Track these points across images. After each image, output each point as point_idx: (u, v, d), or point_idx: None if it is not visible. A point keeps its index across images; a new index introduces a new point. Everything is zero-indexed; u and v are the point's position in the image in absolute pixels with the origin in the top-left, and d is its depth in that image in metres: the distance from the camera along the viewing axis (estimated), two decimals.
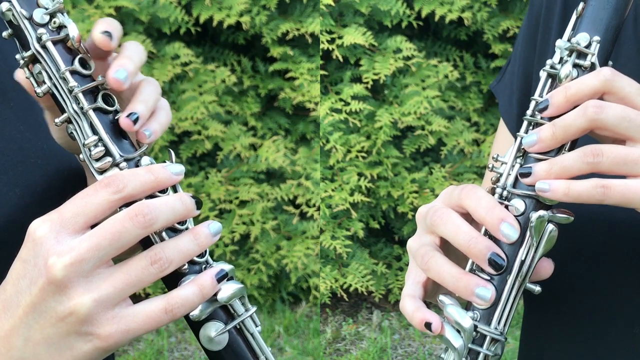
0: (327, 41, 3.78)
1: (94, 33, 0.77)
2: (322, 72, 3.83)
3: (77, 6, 3.60)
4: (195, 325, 0.78)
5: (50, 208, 0.74)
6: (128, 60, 0.78)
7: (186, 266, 0.77)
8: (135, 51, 0.80)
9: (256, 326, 0.80)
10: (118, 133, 0.78)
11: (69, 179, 0.95)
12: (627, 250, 0.91)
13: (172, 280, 0.76)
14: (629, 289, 0.92)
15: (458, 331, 0.80)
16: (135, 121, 0.77)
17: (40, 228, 0.71)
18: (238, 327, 0.79)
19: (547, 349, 1.01)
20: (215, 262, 0.78)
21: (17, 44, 0.79)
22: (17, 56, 0.79)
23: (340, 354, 3.72)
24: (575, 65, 0.80)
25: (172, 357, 3.66)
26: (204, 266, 0.78)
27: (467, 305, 0.82)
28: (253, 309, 0.80)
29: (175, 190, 0.78)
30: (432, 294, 0.86)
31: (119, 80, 0.76)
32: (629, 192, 0.74)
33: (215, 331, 0.77)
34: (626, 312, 0.93)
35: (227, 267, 0.77)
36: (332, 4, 3.73)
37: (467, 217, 0.81)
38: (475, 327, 0.80)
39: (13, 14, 0.77)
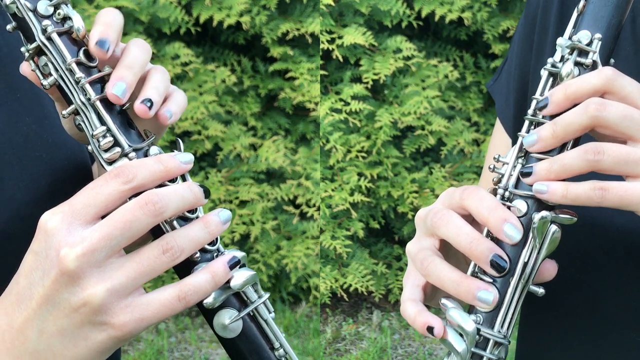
0: (327, 41, 3.78)
1: (90, 43, 0.77)
2: (322, 72, 3.83)
3: (77, 6, 3.60)
4: (209, 313, 0.78)
5: (55, 201, 0.74)
6: (127, 71, 0.78)
7: (198, 254, 0.77)
8: (137, 55, 0.80)
9: (269, 312, 0.80)
10: (126, 123, 0.78)
11: (74, 173, 0.95)
12: (625, 255, 0.91)
13: (184, 269, 0.76)
14: (627, 294, 0.92)
15: (461, 335, 0.79)
16: (150, 107, 0.77)
17: (51, 220, 0.71)
18: (252, 313, 0.79)
19: (545, 351, 1.00)
20: (226, 250, 0.78)
21: (22, 36, 0.78)
22: (22, 49, 0.78)
23: (340, 354, 3.72)
24: (576, 64, 0.79)
25: (172, 357, 3.66)
26: (215, 254, 0.78)
27: (469, 309, 0.81)
28: (266, 295, 0.79)
29: (184, 179, 0.78)
30: (431, 297, 0.85)
31: (117, 97, 0.76)
32: (627, 195, 0.74)
33: (229, 318, 0.77)
34: (624, 318, 0.92)
35: (239, 254, 0.77)
36: (332, 4, 3.72)
37: (469, 219, 0.81)
38: (479, 330, 0.79)
39: (17, 7, 0.77)
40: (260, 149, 3.90)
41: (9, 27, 0.79)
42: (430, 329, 0.79)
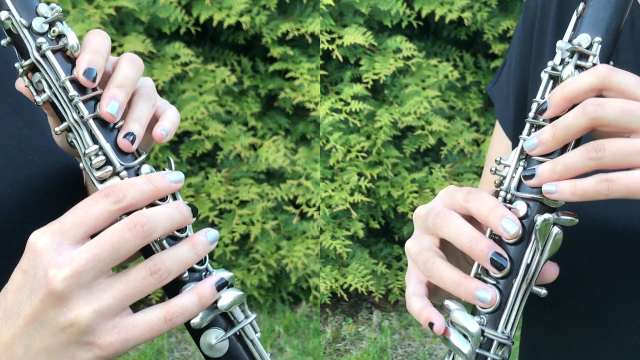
0: (327, 41, 3.78)
1: (78, 73, 0.77)
2: (322, 72, 3.83)
3: (77, 6, 3.60)
4: (196, 333, 0.78)
5: (48, 206, 0.74)
6: (118, 91, 0.78)
7: (187, 274, 0.77)
8: (128, 74, 0.80)
9: (255, 332, 0.80)
10: (116, 142, 0.78)
11: (67, 177, 0.96)
12: (626, 257, 0.92)
13: (173, 288, 0.77)
14: (627, 296, 0.92)
15: (465, 336, 0.80)
16: (133, 141, 0.78)
17: (40, 239, 0.72)
18: (238, 334, 0.80)
19: (546, 352, 1.01)
20: (215, 270, 0.79)
21: (16, 52, 0.79)
22: (16, 65, 0.79)
23: (340, 354, 3.72)
24: (576, 67, 0.80)
25: (172, 357, 3.66)
26: (204, 273, 0.78)
27: (472, 310, 0.82)
28: (253, 316, 0.80)
29: (174, 197, 0.78)
30: (434, 292, 0.86)
31: (112, 115, 0.77)
32: (633, 183, 0.74)
33: (215, 338, 0.78)
34: (625, 319, 0.93)
35: (227, 274, 0.78)
36: (332, 4, 3.73)
37: (469, 220, 0.81)
38: (482, 332, 0.80)
39: (12, 23, 0.77)
40: (260, 149, 3.90)
41: (3, 42, 0.79)
42: (431, 325, 0.80)
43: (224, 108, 3.88)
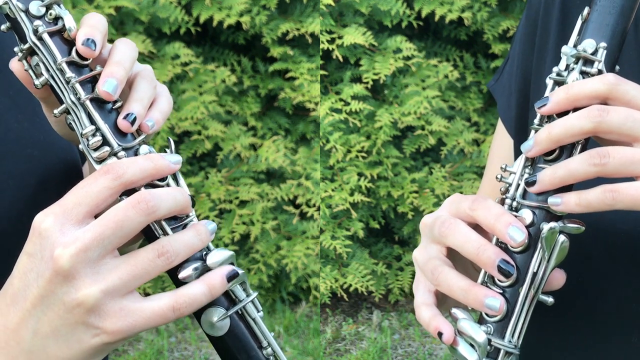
0: (327, 41, 3.78)
1: (77, 43, 0.78)
2: (322, 72, 3.83)
3: (77, 6, 3.60)
4: (197, 311, 0.78)
5: (46, 200, 0.74)
6: (117, 67, 0.78)
7: None
8: (125, 52, 0.80)
9: (258, 311, 0.80)
10: (116, 122, 0.78)
11: (66, 172, 0.96)
12: (628, 260, 0.91)
13: (172, 268, 0.76)
14: (629, 298, 0.92)
15: (472, 345, 0.79)
16: (133, 122, 0.78)
17: (44, 221, 0.72)
18: (239, 312, 0.79)
19: (546, 353, 1.01)
20: (215, 249, 0.79)
21: (16, 36, 0.79)
22: (16, 49, 0.79)
23: (340, 354, 3.72)
24: (581, 73, 0.79)
25: (172, 357, 3.66)
26: (204, 252, 0.78)
27: (479, 319, 0.81)
28: (254, 294, 0.80)
29: (176, 180, 0.78)
30: (442, 301, 0.86)
31: (108, 93, 0.77)
32: (638, 194, 0.74)
33: (216, 317, 0.78)
34: (625, 321, 0.93)
35: (228, 253, 0.78)
36: (332, 4, 3.72)
37: (475, 228, 0.81)
38: (490, 341, 0.79)
39: (9, 7, 0.78)
40: (260, 149, 3.90)
41: (2, 27, 0.80)
42: (440, 335, 0.80)
43: (224, 108, 3.88)
